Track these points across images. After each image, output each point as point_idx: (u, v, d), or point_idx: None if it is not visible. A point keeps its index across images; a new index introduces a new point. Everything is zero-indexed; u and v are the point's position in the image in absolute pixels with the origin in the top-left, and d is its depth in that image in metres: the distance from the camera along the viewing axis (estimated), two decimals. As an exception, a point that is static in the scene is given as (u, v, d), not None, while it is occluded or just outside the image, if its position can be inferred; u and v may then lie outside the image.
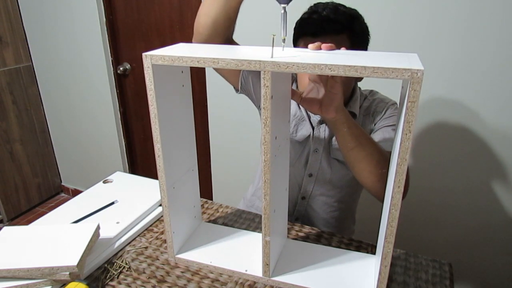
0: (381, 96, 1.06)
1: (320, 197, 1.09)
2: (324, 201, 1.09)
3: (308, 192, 1.08)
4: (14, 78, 2.34)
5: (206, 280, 0.78)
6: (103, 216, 0.95)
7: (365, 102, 1.03)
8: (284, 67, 0.57)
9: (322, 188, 1.07)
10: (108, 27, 2.12)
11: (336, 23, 0.88)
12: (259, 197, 1.19)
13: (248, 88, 1.04)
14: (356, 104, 1.00)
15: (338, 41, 0.83)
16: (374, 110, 1.02)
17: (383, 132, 0.96)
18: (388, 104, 1.02)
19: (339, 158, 1.02)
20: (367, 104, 1.03)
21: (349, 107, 0.99)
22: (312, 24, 0.89)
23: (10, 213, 2.47)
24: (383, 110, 1.01)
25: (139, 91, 2.26)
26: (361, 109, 1.02)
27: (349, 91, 1.00)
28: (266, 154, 0.65)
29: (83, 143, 2.53)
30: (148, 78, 0.66)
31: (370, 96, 1.05)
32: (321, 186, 1.07)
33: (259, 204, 1.19)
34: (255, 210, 1.18)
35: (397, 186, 0.58)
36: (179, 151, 0.80)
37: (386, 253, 0.64)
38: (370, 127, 1.01)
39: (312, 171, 1.05)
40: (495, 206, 1.47)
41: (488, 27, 1.25)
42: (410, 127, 0.54)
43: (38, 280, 0.72)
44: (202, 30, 0.88)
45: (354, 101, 1.00)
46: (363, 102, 1.03)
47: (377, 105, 1.02)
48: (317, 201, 1.09)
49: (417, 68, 0.51)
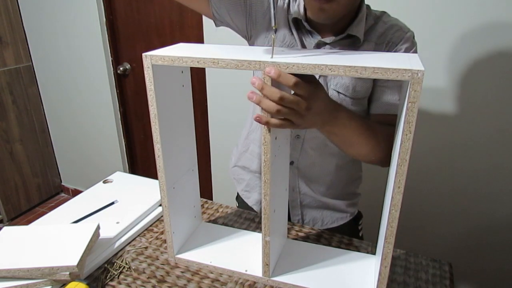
0: (396, 21, 0.87)
1: (315, 139, 0.97)
2: (321, 141, 0.97)
3: (303, 132, 0.96)
4: (14, 78, 2.34)
5: (206, 280, 0.78)
6: (103, 216, 0.95)
7: (379, 26, 0.85)
8: (284, 68, 0.57)
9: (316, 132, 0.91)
10: (108, 27, 2.12)
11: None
12: (253, 140, 1.09)
13: (226, 20, 0.92)
14: (360, 26, 0.83)
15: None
16: (390, 39, 0.84)
17: (387, 94, 0.85)
18: (406, 37, 0.84)
19: (340, 90, 0.88)
20: (381, 29, 0.85)
21: (350, 30, 0.83)
22: None
23: (10, 213, 2.47)
24: (399, 42, 0.84)
25: (139, 91, 2.26)
26: (371, 34, 0.85)
27: (350, 8, 0.81)
28: (266, 154, 0.65)
29: (83, 143, 2.53)
30: (148, 78, 0.66)
31: (385, 18, 0.87)
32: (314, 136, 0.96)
33: (254, 148, 1.08)
34: (249, 155, 1.10)
35: (397, 186, 0.58)
36: (179, 151, 0.80)
37: (386, 253, 0.64)
38: None
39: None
40: (495, 206, 1.47)
41: (489, 26, 1.25)
42: (410, 128, 0.54)
43: (38, 280, 0.72)
44: None
45: (357, 22, 0.83)
46: (373, 24, 0.86)
47: (394, 34, 0.84)
48: (313, 141, 0.97)
49: (418, 69, 0.51)
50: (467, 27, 1.28)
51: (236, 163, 1.17)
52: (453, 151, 1.46)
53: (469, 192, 1.49)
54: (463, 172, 1.47)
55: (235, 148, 1.19)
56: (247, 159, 1.12)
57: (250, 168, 1.12)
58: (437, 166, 1.50)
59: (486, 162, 1.42)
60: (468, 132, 1.41)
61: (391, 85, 0.86)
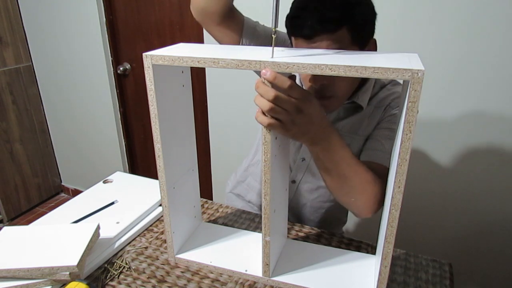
0: (400, 88, 0.90)
1: (309, 184, 1.03)
2: (313, 188, 1.03)
3: (299, 177, 1.03)
4: (14, 78, 2.34)
5: (206, 280, 0.78)
6: (103, 216, 0.95)
7: (382, 92, 0.90)
8: (285, 67, 0.57)
9: (313, 177, 1.01)
10: (108, 27, 2.12)
11: (331, 20, 0.72)
12: (252, 173, 1.13)
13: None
14: (365, 95, 0.88)
15: (336, 39, 0.73)
16: (388, 104, 0.89)
17: (373, 143, 0.87)
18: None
19: None
20: (384, 94, 0.90)
21: (356, 97, 0.87)
22: (303, 27, 0.74)
23: (10, 213, 2.47)
24: (396, 107, 0.87)
25: (139, 91, 2.26)
26: (373, 100, 0.90)
27: (355, 84, 0.85)
28: (266, 154, 0.65)
29: (83, 143, 2.53)
30: (149, 78, 0.66)
31: (391, 86, 0.91)
32: (312, 175, 1.01)
33: (251, 181, 1.14)
34: (246, 186, 1.14)
35: (397, 186, 0.58)
36: (179, 151, 0.80)
37: (386, 253, 0.64)
38: (376, 121, 0.90)
39: (305, 155, 1.00)
40: (495, 206, 1.47)
41: (489, 27, 1.25)
42: (410, 127, 0.54)
43: (38, 280, 0.72)
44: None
45: (363, 92, 0.88)
46: (378, 91, 0.90)
47: (393, 100, 0.88)
48: (306, 188, 1.04)
49: (418, 68, 0.51)
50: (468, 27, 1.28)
51: (231, 190, 1.22)
52: (453, 151, 1.46)
53: (469, 192, 1.49)
54: (463, 172, 1.47)
55: (234, 174, 1.23)
56: (243, 189, 1.17)
57: (245, 197, 1.16)
58: (437, 166, 1.50)
59: (486, 162, 1.42)
60: (468, 132, 1.41)
61: (379, 135, 0.87)
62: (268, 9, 0.63)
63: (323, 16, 0.72)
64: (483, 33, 1.27)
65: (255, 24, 0.93)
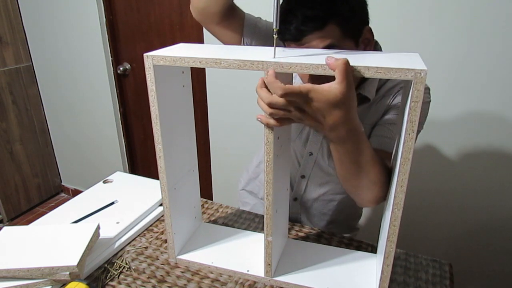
0: None
1: (319, 178, 1.02)
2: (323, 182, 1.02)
3: (308, 172, 1.02)
4: (14, 78, 2.34)
5: (206, 280, 0.78)
6: (103, 216, 0.95)
7: (390, 82, 0.88)
8: (287, 68, 0.57)
9: (321, 171, 1.00)
10: (108, 27, 2.11)
11: (315, 18, 0.71)
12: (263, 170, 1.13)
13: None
14: (371, 86, 0.85)
15: (325, 36, 0.72)
16: (397, 91, 0.87)
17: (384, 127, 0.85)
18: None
19: None
20: (392, 84, 0.88)
21: (362, 89, 0.84)
22: (289, 30, 0.73)
23: (10, 213, 2.47)
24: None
25: (139, 91, 2.26)
26: (381, 90, 0.88)
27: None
28: (268, 154, 0.65)
29: (83, 143, 2.53)
30: (150, 78, 0.66)
31: None
32: (320, 169, 1.00)
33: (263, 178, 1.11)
34: (258, 182, 1.15)
35: (399, 185, 0.58)
36: (180, 152, 0.79)
37: (389, 252, 0.64)
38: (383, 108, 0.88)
39: (312, 150, 0.99)
40: (495, 206, 1.47)
41: (489, 27, 1.25)
42: (413, 127, 0.54)
43: (38, 280, 0.72)
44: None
45: (369, 83, 0.85)
46: (386, 81, 0.89)
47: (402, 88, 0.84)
48: (316, 182, 1.02)
49: (421, 68, 0.51)
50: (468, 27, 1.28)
51: (244, 187, 1.21)
52: (453, 151, 1.46)
53: (469, 192, 1.49)
54: (463, 171, 1.47)
55: (245, 172, 1.23)
56: (256, 186, 1.17)
57: (258, 194, 1.16)
58: (437, 166, 1.50)
59: (486, 162, 1.42)
60: (468, 132, 1.41)
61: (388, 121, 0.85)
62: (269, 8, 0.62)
63: (306, 16, 0.71)
64: (483, 33, 1.27)
65: (256, 21, 0.93)
